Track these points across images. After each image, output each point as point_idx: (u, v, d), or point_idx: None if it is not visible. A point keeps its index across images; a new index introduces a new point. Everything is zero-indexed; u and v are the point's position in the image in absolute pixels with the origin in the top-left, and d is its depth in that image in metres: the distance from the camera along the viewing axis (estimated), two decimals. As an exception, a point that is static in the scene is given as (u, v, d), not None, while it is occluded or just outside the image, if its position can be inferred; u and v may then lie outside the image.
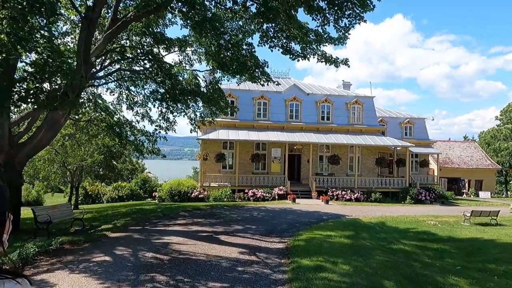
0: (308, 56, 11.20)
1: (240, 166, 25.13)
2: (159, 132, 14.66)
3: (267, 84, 10.61)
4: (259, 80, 10.40)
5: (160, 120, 13.78)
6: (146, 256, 6.84)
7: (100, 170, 25.29)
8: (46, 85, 10.11)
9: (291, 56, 11.11)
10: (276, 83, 10.51)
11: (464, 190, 41.30)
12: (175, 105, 13.34)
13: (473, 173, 42.81)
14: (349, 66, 12.35)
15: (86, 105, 15.35)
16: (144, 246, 7.72)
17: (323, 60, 11.97)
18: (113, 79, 14.26)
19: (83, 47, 9.30)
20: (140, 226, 10.77)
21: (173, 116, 14.97)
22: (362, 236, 11.41)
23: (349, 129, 27.92)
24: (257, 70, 10.26)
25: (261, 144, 26.57)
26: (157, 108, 13.78)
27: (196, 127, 16.22)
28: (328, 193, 23.86)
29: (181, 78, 12.25)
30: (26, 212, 12.88)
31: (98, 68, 12.26)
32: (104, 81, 14.11)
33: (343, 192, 24.29)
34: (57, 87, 9.57)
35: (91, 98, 15.53)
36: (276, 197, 23.16)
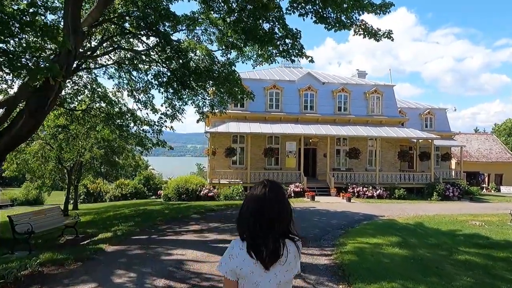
0: (347, 25, 9.16)
1: (252, 161, 23.16)
2: (165, 120, 12.72)
3: (299, 60, 8.62)
4: (289, 55, 8.38)
5: (165, 106, 11.76)
6: (156, 286, 4.91)
7: (102, 167, 23.43)
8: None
9: (327, 25, 9.06)
10: (310, 59, 8.51)
11: (484, 185, 39.21)
12: (183, 90, 11.35)
13: (493, 166, 40.65)
14: (392, 39, 10.31)
15: (82, 91, 13.41)
16: (152, 267, 5.77)
17: (362, 31, 9.93)
18: (112, 60, 12.31)
19: (70, 10, 7.31)
20: (145, 234, 8.83)
21: (179, 104, 13.02)
22: (412, 243, 9.45)
23: (368, 120, 25.83)
24: (287, 41, 8.24)
25: (274, 137, 24.58)
26: (162, 93, 11.81)
27: (204, 117, 14.26)
28: (349, 190, 21.87)
29: (192, 55, 10.26)
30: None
31: (93, 44, 10.31)
32: (100, 60, 12.12)
33: (364, 189, 22.29)
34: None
35: (87, 84, 13.59)
36: (292, 194, 21.22)
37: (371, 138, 24.79)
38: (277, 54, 8.31)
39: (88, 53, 10.41)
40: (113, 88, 14.45)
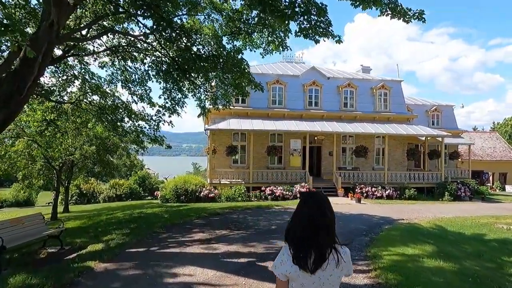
0: (377, 1, 7.89)
1: (254, 160, 21.88)
2: (163, 114, 11.39)
3: (324, 40, 7.32)
4: (314, 33, 7.07)
5: (164, 98, 10.38)
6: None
7: (95, 166, 21.97)
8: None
9: (354, 1, 7.78)
10: (337, 38, 7.25)
11: (489, 184, 38.30)
12: (184, 80, 10.04)
13: (497, 165, 39.77)
14: (424, 21, 9.06)
15: (71, 81, 12.05)
16: (154, 295, 4.48)
17: (390, 11, 8.66)
18: (104, 47, 10.95)
19: (51, -25, 5.98)
20: (142, 245, 7.49)
21: (179, 97, 11.65)
22: (450, 252, 8.24)
23: (375, 117, 24.66)
24: (312, 17, 6.95)
25: (277, 135, 23.32)
26: (161, 83, 10.48)
27: (206, 111, 12.96)
28: (357, 190, 20.68)
29: (197, 36, 8.91)
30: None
31: (82, 24, 8.95)
32: (91, 45, 10.75)
33: (373, 189, 21.13)
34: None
35: (78, 76, 12.22)
36: (298, 195, 19.99)
37: (379, 135, 23.63)
38: (299, 33, 7.03)
39: (77, 35, 9.05)
40: (106, 78, 13.09)
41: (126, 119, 13.12)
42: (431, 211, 16.60)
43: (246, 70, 10.19)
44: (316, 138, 23.61)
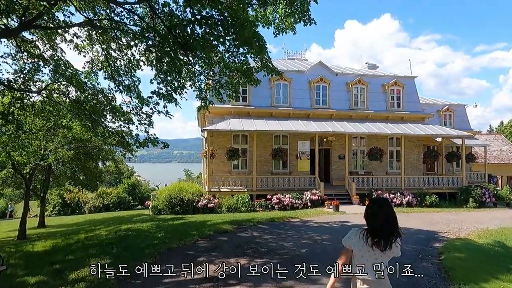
0: None
1: (258, 164, 19.45)
2: (157, 103, 8.94)
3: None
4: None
5: (158, 82, 7.88)
6: None
7: (77, 174, 19.24)
8: None
9: None
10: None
11: (498, 188, 36.46)
12: (183, 55, 7.63)
13: (504, 168, 37.99)
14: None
15: (37, 67, 9.52)
16: None
17: None
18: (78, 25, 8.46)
19: None
20: (126, 290, 4.97)
21: (177, 84, 9.18)
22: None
23: (388, 116, 22.50)
24: None
25: (282, 136, 20.97)
26: (152, 64, 8.03)
27: (208, 103, 10.56)
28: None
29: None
30: None
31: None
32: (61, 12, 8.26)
33: (391, 195, 18.85)
34: None
35: (46, 56, 9.70)
36: (309, 203, 17.63)
37: (394, 136, 21.47)
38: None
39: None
40: (84, 67, 10.59)
41: (109, 117, 10.62)
42: (466, 221, 14.36)
43: (265, 45, 7.81)
44: (325, 139, 21.30)
